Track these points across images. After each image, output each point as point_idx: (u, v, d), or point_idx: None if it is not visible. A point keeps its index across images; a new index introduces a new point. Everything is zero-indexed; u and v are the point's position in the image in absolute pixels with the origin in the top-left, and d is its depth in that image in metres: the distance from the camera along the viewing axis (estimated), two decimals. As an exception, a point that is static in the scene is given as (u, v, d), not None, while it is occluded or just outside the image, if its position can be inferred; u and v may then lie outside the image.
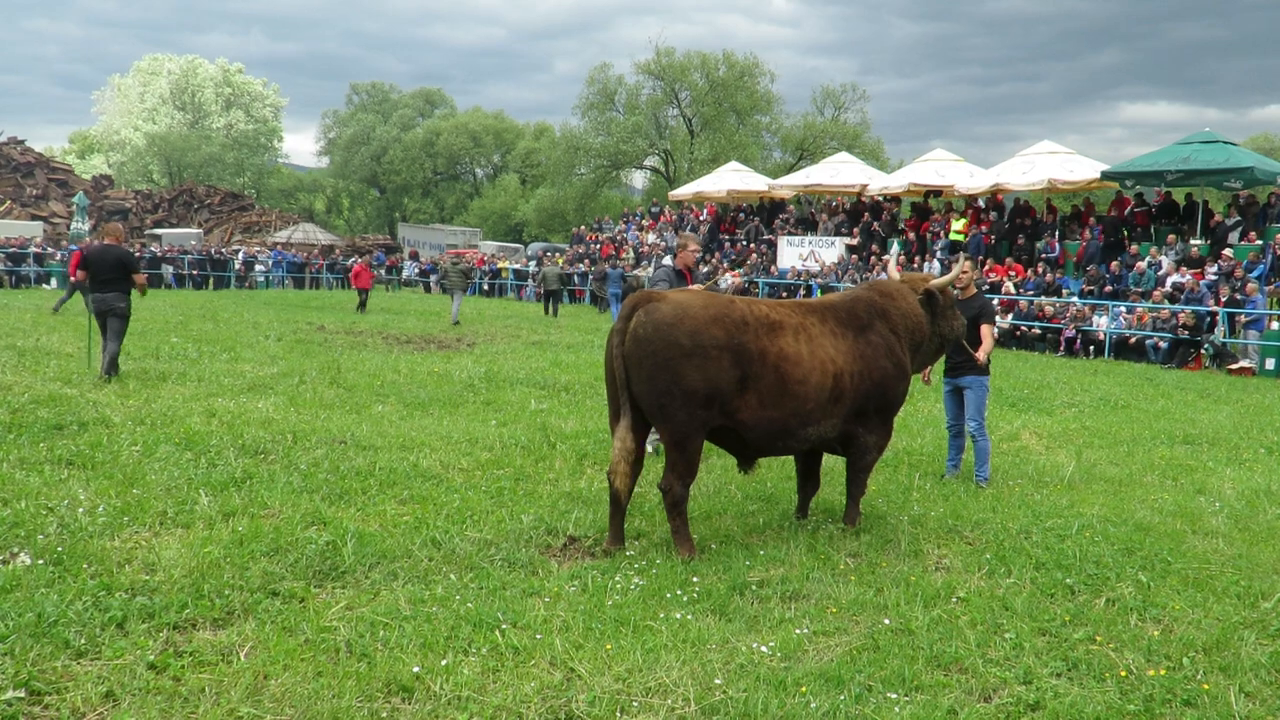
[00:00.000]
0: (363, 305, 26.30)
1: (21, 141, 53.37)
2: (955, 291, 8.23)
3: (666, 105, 56.11)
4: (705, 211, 36.82)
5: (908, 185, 29.98)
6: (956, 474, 8.45)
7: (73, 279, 19.29)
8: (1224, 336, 19.28)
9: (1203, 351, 19.12)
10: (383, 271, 41.03)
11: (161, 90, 70.98)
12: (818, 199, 33.94)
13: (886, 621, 4.85)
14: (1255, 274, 20.19)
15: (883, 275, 25.34)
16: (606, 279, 28.72)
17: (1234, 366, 18.36)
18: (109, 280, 11.32)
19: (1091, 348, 20.98)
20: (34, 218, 46.44)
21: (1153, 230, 24.19)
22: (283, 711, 3.70)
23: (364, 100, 76.18)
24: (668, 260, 9.07)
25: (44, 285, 32.61)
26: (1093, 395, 14.14)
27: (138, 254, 34.88)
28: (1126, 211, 24.80)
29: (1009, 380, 15.09)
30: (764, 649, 4.44)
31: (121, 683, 3.86)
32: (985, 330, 8.03)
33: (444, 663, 4.14)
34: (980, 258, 24.76)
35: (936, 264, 26.03)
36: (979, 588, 5.42)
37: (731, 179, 35.88)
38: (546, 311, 27.95)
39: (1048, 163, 26.58)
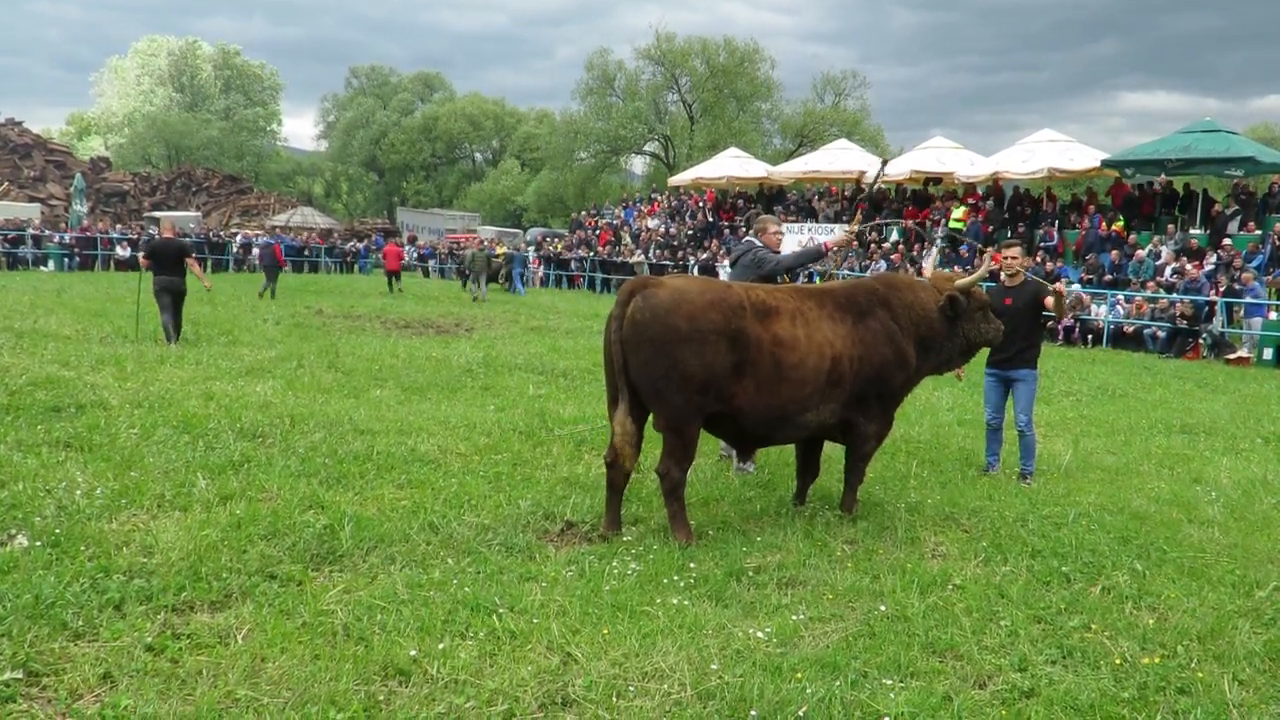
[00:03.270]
0: (392, 286, 28.17)
1: (19, 123, 53.14)
2: (1003, 279, 8.13)
3: (666, 91, 55.95)
4: (705, 198, 36.73)
5: (909, 173, 29.89)
6: (997, 469, 8.20)
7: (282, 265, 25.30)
8: (1222, 326, 19.28)
9: (1201, 341, 19.14)
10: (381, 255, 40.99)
11: (160, 71, 70.64)
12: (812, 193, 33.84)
13: (883, 608, 4.86)
14: (1254, 264, 20.20)
15: (881, 266, 25.37)
16: (514, 260, 32.91)
17: (1232, 356, 18.37)
18: (175, 265, 13.70)
19: (1090, 337, 20.97)
20: (31, 199, 46.28)
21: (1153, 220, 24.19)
22: (280, 694, 3.71)
23: (363, 84, 75.89)
24: (753, 239, 7.89)
25: (41, 267, 32.54)
26: (1090, 384, 14.15)
27: (136, 236, 34.93)
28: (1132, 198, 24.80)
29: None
30: (760, 635, 4.45)
31: (119, 664, 3.87)
32: (1049, 300, 7.78)
33: (441, 646, 4.15)
34: (979, 246, 24.72)
35: (936, 252, 25.99)
36: (975, 575, 5.43)
37: (731, 165, 35.78)
38: (476, 298, 28.01)
39: (1048, 151, 26.53)
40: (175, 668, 3.89)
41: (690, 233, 34.04)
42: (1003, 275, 8.20)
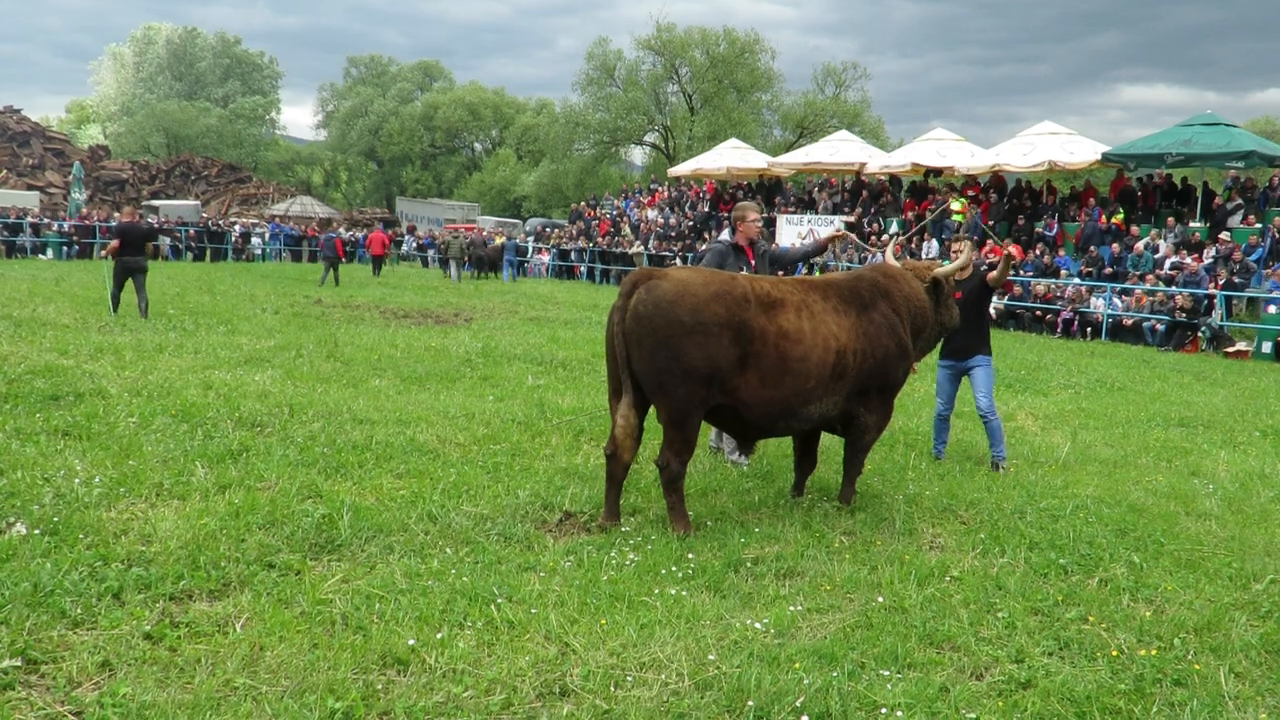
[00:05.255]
0: (376, 269, 31.16)
1: (18, 110, 53.01)
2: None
3: (666, 81, 55.84)
4: (705, 189, 36.65)
5: (909, 164, 29.83)
6: (944, 456, 8.37)
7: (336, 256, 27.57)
8: (1221, 319, 19.29)
9: (1199, 334, 19.14)
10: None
11: (159, 59, 70.42)
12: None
13: (880, 599, 4.87)
14: (1254, 257, 20.19)
15: (879, 257, 25.33)
16: (505, 248, 34.92)
17: (1230, 350, 18.39)
18: (140, 247, 15.24)
19: (1089, 329, 20.98)
20: (30, 188, 46.17)
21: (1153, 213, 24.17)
22: (278, 682, 3.72)
23: (362, 73, 75.69)
24: (725, 235, 8.01)
25: (40, 255, 32.48)
26: (1089, 377, 14.16)
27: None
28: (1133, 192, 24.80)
29: (1006, 361, 15.10)
30: (758, 625, 4.46)
31: (118, 652, 3.87)
32: (991, 275, 7.92)
33: (439, 636, 4.15)
34: (975, 238, 24.71)
35: (936, 243, 25.99)
36: (973, 567, 5.44)
37: (731, 156, 35.68)
38: (446, 275, 31.43)
39: (1048, 144, 26.47)
40: (174, 656, 3.89)
41: (690, 224, 33.98)
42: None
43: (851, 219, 29.26)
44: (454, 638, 4.17)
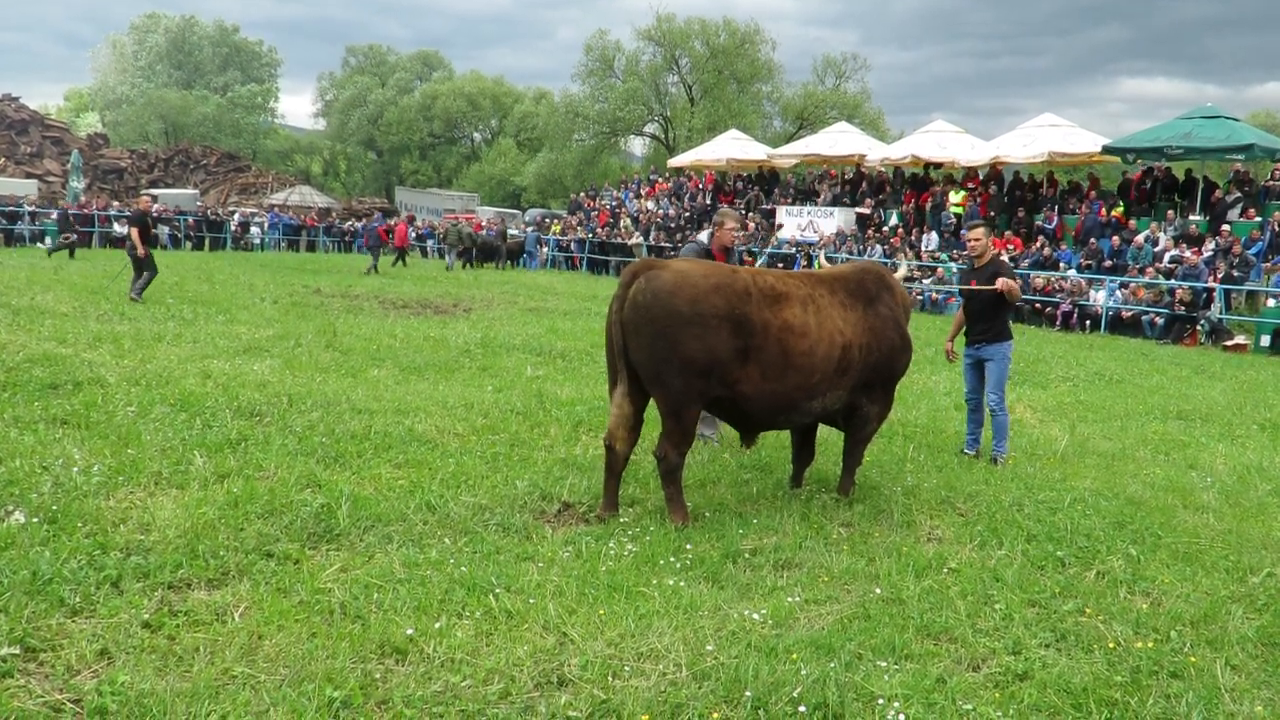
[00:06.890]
0: (401, 260, 31.24)
1: (16, 99, 52.80)
2: (972, 262, 8.26)
3: (666, 72, 55.67)
4: (705, 180, 36.60)
5: (909, 156, 29.79)
6: (976, 450, 8.23)
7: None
8: (1220, 313, 19.29)
9: (1198, 328, 19.14)
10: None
11: (158, 47, 70.18)
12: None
13: (878, 591, 4.88)
14: (1254, 251, 20.17)
15: (878, 251, 25.32)
16: (526, 239, 36.29)
17: (1229, 343, 18.39)
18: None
19: (1088, 322, 20.97)
20: (29, 176, 46.04)
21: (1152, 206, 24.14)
22: (277, 671, 3.72)
23: (361, 63, 75.41)
24: (702, 236, 8.09)
25: (38, 244, 32.40)
26: (1088, 370, 14.17)
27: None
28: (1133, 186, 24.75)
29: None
30: (756, 616, 4.47)
31: (116, 641, 3.87)
32: (1002, 280, 7.80)
33: (437, 625, 4.16)
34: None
35: (935, 236, 25.97)
36: (970, 559, 5.45)
37: (731, 147, 35.66)
38: (449, 267, 31.73)
39: (1049, 135, 26.42)
40: (172, 645, 3.90)
41: (689, 215, 33.94)
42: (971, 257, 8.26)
43: (865, 209, 29.13)
44: (452, 627, 4.17)
